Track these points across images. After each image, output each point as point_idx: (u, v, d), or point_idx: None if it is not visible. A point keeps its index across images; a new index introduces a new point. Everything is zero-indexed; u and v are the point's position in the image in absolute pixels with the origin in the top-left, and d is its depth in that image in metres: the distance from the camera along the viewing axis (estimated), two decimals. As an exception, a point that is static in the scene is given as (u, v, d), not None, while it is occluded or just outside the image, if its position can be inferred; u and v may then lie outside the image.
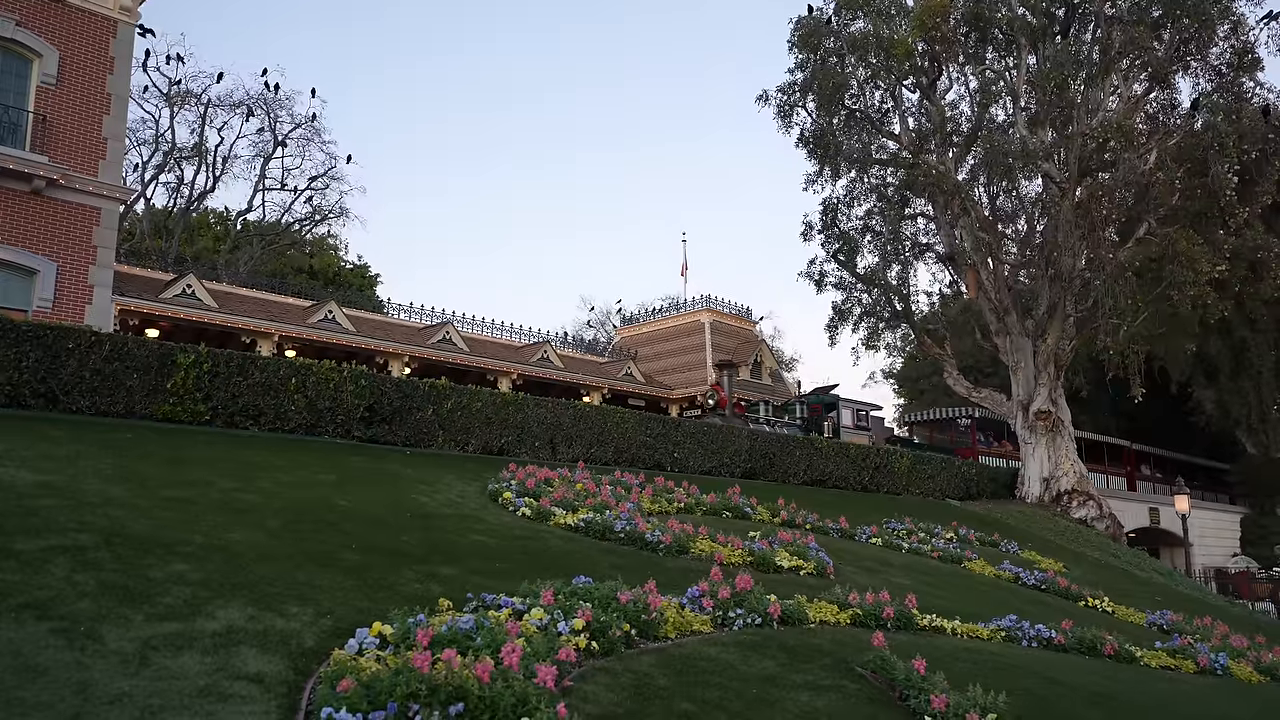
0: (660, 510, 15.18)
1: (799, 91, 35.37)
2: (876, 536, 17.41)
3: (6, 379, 13.11)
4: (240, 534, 8.77)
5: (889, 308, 36.35)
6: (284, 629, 6.50)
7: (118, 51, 24.76)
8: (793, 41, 35.54)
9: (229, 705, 5.19)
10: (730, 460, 22.95)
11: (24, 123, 22.81)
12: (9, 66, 23.08)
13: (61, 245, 22.91)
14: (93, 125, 23.99)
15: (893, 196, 36.66)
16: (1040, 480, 32.30)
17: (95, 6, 24.32)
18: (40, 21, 23.35)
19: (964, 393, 35.34)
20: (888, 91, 35.86)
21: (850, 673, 7.82)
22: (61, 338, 13.66)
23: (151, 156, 42.32)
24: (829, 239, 36.20)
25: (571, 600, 7.83)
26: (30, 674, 5.14)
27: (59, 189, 22.91)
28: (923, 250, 38.22)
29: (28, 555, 6.98)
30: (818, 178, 36.10)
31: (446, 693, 5.35)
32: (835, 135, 34.81)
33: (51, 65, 23.36)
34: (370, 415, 16.72)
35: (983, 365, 48.20)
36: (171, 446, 12.60)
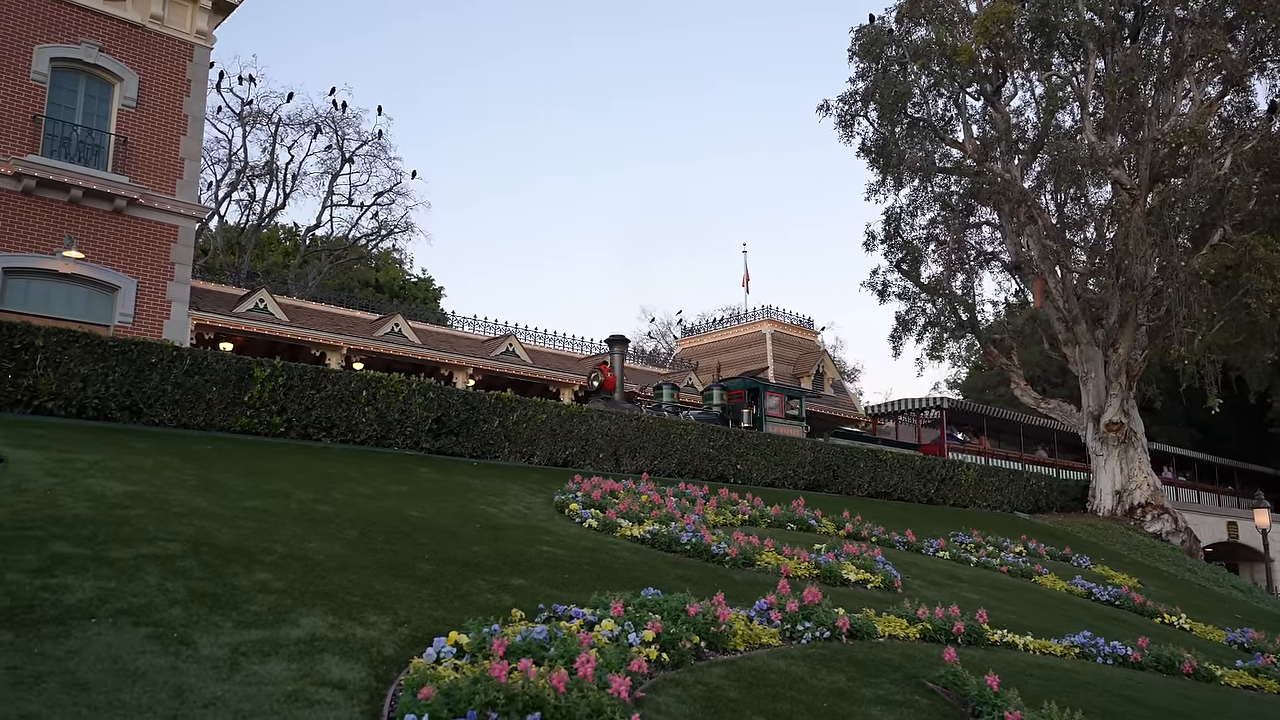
0: (725, 522, 15.21)
1: (860, 101, 35.18)
2: (944, 550, 17.21)
3: (94, 393, 13.63)
4: (318, 544, 9.01)
5: (953, 317, 35.91)
6: (364, 637, 6.68)
7: (194, 74, 25.61)
8: (853, 51, 35.41)
9: (316, 711, 5.36)
10: (793, 472, 22.87)
11: (106, 144, 23.69)
12: (92, 90, 24.00)
13: (141, 262, 23.72)
14: (170, 146, 24.81)
15: (957, 205, 36.28)
16: (1112, 493, 31.59)
17: (173, 31, 25.18)
18: (121, 47, 24.24)
19: (1031, 404, 34.75)
20: (951, 99, 35.49)
21: (921, 688, 7.78)
22: (145, 353, 14.16)
23: (225, 175, 43.59)
24: (892, 249, 35.91)
25: (641, 612, 7.91)
26: (130, 677, 5.37)
27: (139, 208, 23.75)
28: (988, 259, 37.73)
29: (122, 563, 7.27)
30: (880, 187, 35.85)
31: (524, 702, 5.47)
32: (897, 144, 34.52)
33: (132, 88, 24.24)
34: (438, 427, 17.03)
35: (1051, 375, 47.32)
36: (250, 458, 12.98)
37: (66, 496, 9.04)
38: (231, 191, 44.24)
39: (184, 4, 25.41)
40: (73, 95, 23.60)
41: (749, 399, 27.71)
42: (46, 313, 21.69)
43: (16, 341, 13.19)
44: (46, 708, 4.84)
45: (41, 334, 13.43)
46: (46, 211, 22.31)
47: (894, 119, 34.41)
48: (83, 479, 9.87)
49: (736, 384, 29.35)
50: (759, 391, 28.10)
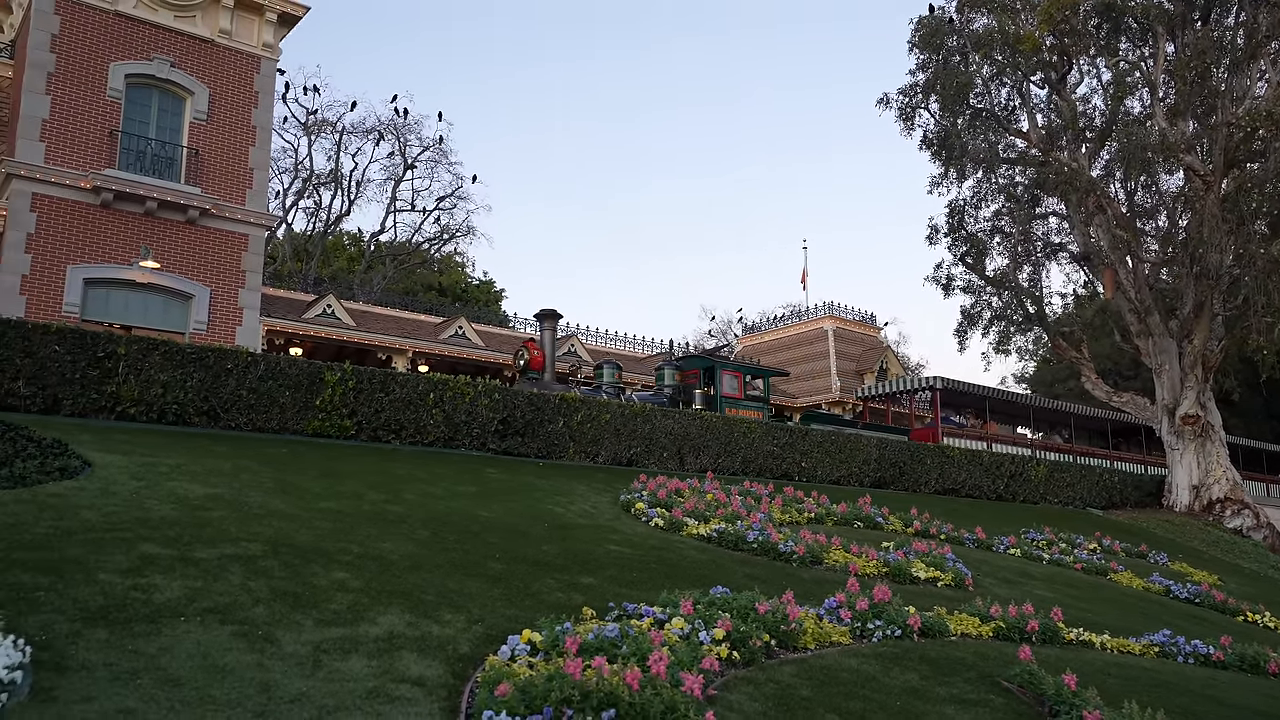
0: (791, 520, 15.17)
1: (921, 93, 34.69)
2: (1015, 547, 16.94)
3: (174, 399, 14.06)
4: (392, 544, 9.20)
5: (1020, 310, 35.23)
6: (440, 635, 6.81)
7: (261, 86, 26.25)
8: (913, 42, 34.94)
9: (396, 706, 5.49)
10: (859, 469, 22.68)
11: (179, 157, 24.40)
12: (165, 105, 24.74)
13: (214, 271, 24.38)
14: (240, 156, 25.47)
15: (1022, 196, 35.59)
16: (1189, 488, 30.74)
17: (241, 45, 25.82)
18: (192, 61, 24.93)
19: (1104, 397, 33.95)
20: (1014, 88, 34.84)
21: (995, 686, 7.69)
22: (221, 359, 14.56)
23: (291, 183, 44.57)
24: (956, 242, 35.36)
25: (710, 610, 7.94)
26: (219, 674, 5.55)
27: (211, 218, 24.41)
28: (1055, 250, 36.93)
29: (207, 563, 7.51)
30: (943, 179, 35.32)
31: (598, 699, 5.54)
32: (960, 135, 33.98)
33: (202, 102, 24.92)
34: (504, 428, 17.23)
35: (1123, 368, 46.21)
36: (323, 460, 13.28)
37: (152, 499, 9.35)
38: (298, 200, 45.27)
39: (250, 18, 26.06)
40: (147, 110, 24.36)
41: (704, 379, 25.66)
42: (125, 321, 22.44)
43: (100, 350, 13.66)
44: (142, 703, 5.03)
45: (123, 342, 13.89)
46: (124, 223, 23.05)
47: (956, 110, 33.89)
48: (166, 482, 10.20)
49: (694, 362, 27.11)
50: (714, 370, 25.82)
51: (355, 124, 47.04)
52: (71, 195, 22.47)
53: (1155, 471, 34.11)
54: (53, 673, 5.24)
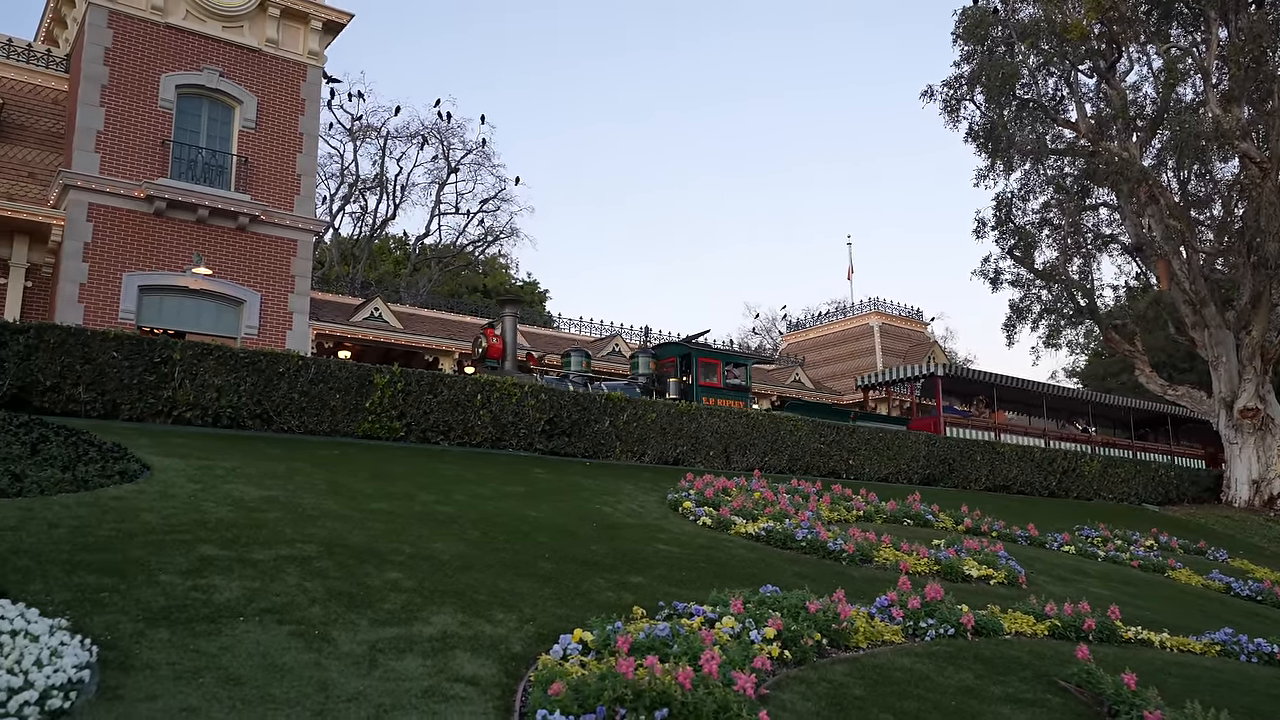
0: (839, 518, 15.07)
1: (965, 84, 34.26)
2: (1069, 544, 16.68)
3: (228, 402, 14.32)
4: (443, 544, 9.29)
5: (1071, 304, 34.68)
6: (492, 634, 6.87)
7: (307, 93, 26.63)
8: (957, 34, 34.51)
9: (451, 705, 5.55)
10: (907, 466, 22.48)
11: (229, 165, 24.83)
12: (215, 114, 25.19)
13: (264, 276, 24.77)
14: (288, 163, 25.86)
15: (1071, 187, 35.01)
16: (1248, 483, 30.04)
17: (287, 53, 26.21)
18: (240, 71, 25.36)
19: (1158, 390, 33.30)
20: (1062, 78, 34.30)
21: (1052, 686, 7.59)
22: (274, 363, 14.80)
23: (338, 189, 45.17)
24: (1003, 235, 34.87)
25: (761, 609, 7.92)
26: (277, 673, 5.65)
27: (260, 224, 24.81)
28: (1106, 242, 36.30)
29: (263, 564, 7.65)
30: (989, 172, 34.83)
31: (651, 698, 5.55)
32: (1006, 127, 33.49)
33: (251, 110, 25.34)
34: (550, 428, 17.32)
35: (1177, 361, 45.27)
36: (373, 461, 13.44)
37: (209, 501, 9.54)
38: (344, 204, 45.86)
39: (296, 26, 26.45)
40: (197, 119, 24.82)
41: (680, 367, 24.34)
42: (179, 327, 22.90)
43: (156, 356, 13.96)
44: (205, 701, 5.14)
45: (178, 348, 14.18)
46: (176, 231, 23.51)
47: (1002, 101, 33.41)
48: (222, 484, 10.39)
49: (670, 350, 25.52)
50: (690, 358, 24.34)
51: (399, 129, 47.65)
52: (126, 204, 22.97)
53: (1184, 463, 32.97)
54: (118, 671, 5.37)
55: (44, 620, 5.62)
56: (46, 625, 5.54)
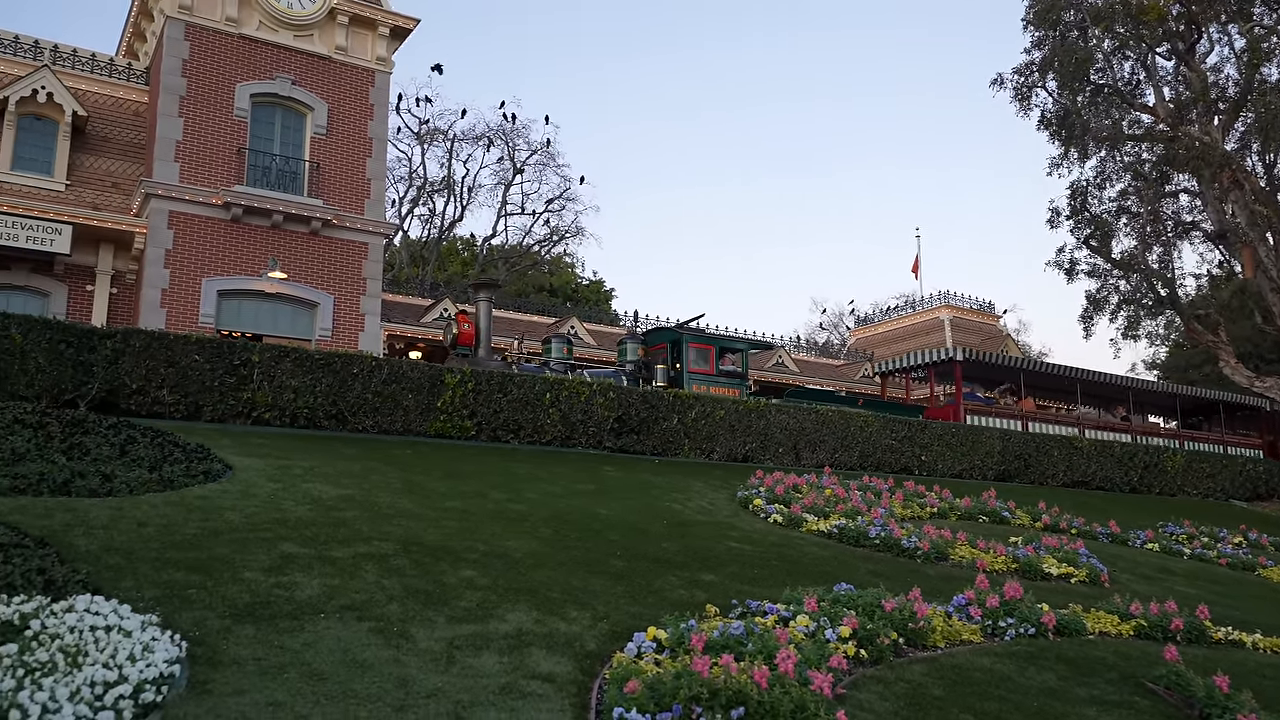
0: (912, 515, 14.85)
1: (1037, 71, 33.52)
2: (1152, 541, 16.22)
3: (304, 403, 14.63)
4: (516, 542, 9.37)
5: (1150, 294, 33.73)
6: (566, 632, 6.90)
7: (376, 99, 27.08)
8: (1027, 20, 33.78)
9: (529, 703, 5.59)
10: (982, 462, 22.08)
11: (301, 171, 25.36)
12: (287, 121, 25.75)
13: (336, 279, 25.26)
14: (358, 168, 26.32)
15: (1150, 174, 34.02)
16: (1343, 478, 28.87)
17: (356, 60, 26.68)
18: (311, 78, 25.88)
19: (1244, 382, 32.18)
20: (1138, 61, 33.34)
21: (1140, 688, 7.38)
22: (348, 364, 15.09)
23: (407, 192, 45.90)
24: (1079, 224, 34.04)
25: (835, 607, 7.84)
26: (359, 669, 5.75)
27: (332, 228, 25.30)
28: (1187, 229, 35.24)
29: (342, 562, 7.80)
30: (1063, 160, 34.02)
31: (727, 697, 5.52)
32: (1080, 113, 32.67)
33: (322, 117, 25.85)
34: (619, 426, 17.37)
35: (1264, 351, 43.63)
36: (446, 460, 13.62)
37: (289, 500, 9.76)
38: (413, 207, 46.58)
39: (364, 33, 26.90)
40: (271, 127, 25.41)
41: (671, 353, 22.93)
42: (256, 330, 23.46)
43: (236, 358, 14.33)
44: (290, 696, 5.25)
45: (257, 350, 14.53)
46: (252, 236, 24.10)
47: (1075, 87, 32.58)
48: (301, 484, 10.62)
49: (661, 335, 23.96)
50: (681, 343, 22.80)
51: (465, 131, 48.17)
52: (204, 211, 23.61)
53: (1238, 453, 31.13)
54: (207, 667, 5.52)
55: (136, 616, 5.80)
56: (138, 621, 5.71)
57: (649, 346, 23.44)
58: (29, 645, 5.13)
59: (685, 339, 22.85)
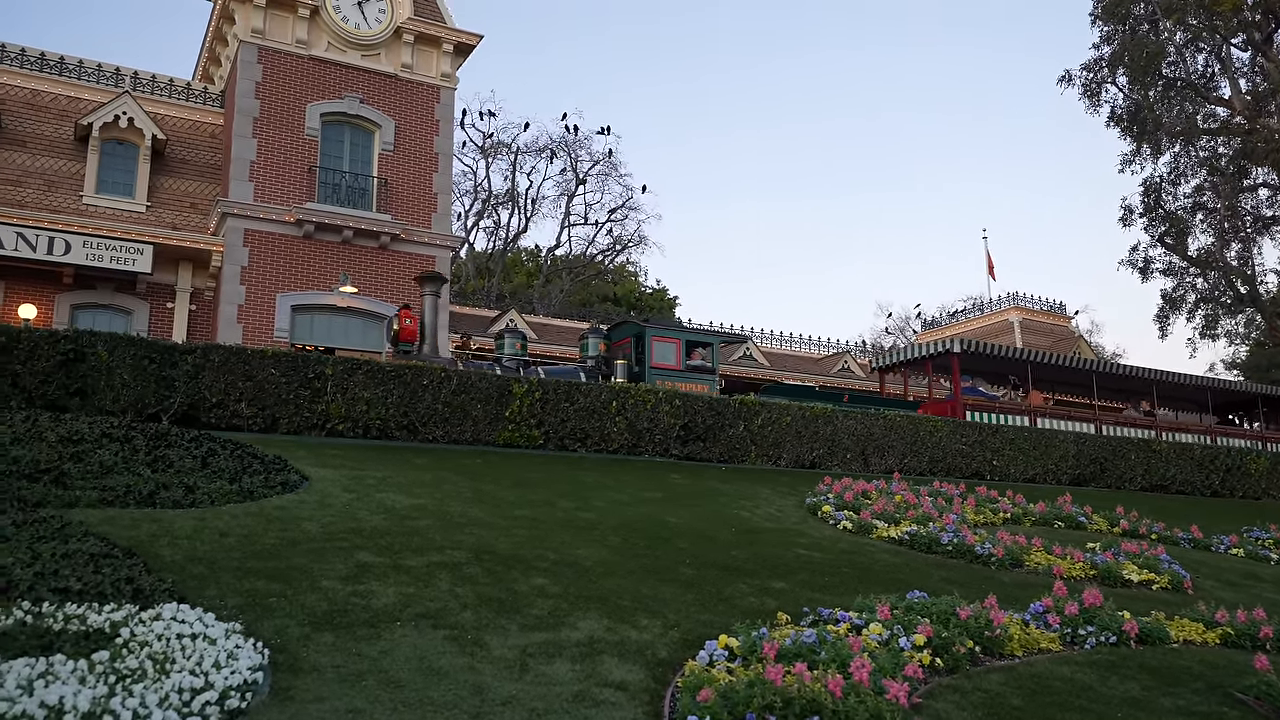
0: (985, 521, 14.56)
1: (1106, 66, 32.86)
2: (1237, 547, 15.65)
3: (376, 415, 14.88)
4: (585, 550, 9.40)
5: (1230, 291, 32.76)
6: (638, 640, 6.90)
7: (441, 115, 27.50)
8: (1095, 14, 33.13)
9: (601, 710, 5.59)
10: (1055, 466, 21.56)
11: (370, 187, 25.85)
12: (356, 139, 26.28)
13: (406, 292, 25.65)
14: (424, 183, 26.74)
15: (1227, 168, 33.04)
16: None
17: (421, 77, 27.13)
18: (378, 96, 26.38)
19: (1331, 381, 30.97)
20: (1212, 54, 32.47)
21: (1228, 698, 7.12)
22: (418, 376, 15.31)
23: (472, 205, 46.51)
24: (1153, 221, 33.23)
25: (909, 615, 7.71)
26: (434, 676, 5.82)
27: (401, 242, 25.73)
28: (1267, 224, 34.12)
29: (416, 570, 7.90)
30: (1135, 156, 33.27)
31: (801, 705, 5.47)
32: (1153, 108, 31.90)
33: (389, 134, 26.32)
34: (685, 434, 17.34)
35: (1352, 349, 42.04)
36: (514, 469, 13.73)
37: (363, 510, 9.92)
38: (479, 220, 47.18)
39: (429, 50, 27.35)
40: (340, 145, 25.96)
41: (634, 348, 21.77)
42: (329, 343, 23.94)
43: (310, 371, 14.63)
44: (369, 703, 5.33)
45: (330, 363, 14.82)
46: (323, 252, 24.62)
47: (1146, 81, 31.84)
48: (375, 493, 10.79)
49: (625, 330, 22.65)
50: (643, 337, 21.62)
51: (529, 144, 48.64)
52: (278, 229, 24.20)
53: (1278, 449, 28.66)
54: (288, 674, 5.63)
55: (220, 624, 5.95)
56: (222, 629, 5.86)
57: (613, 341, 22.49)
58: (120, 652, 5.28)
59: (648, 333, 21.96)
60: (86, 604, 6.01)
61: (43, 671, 4.86)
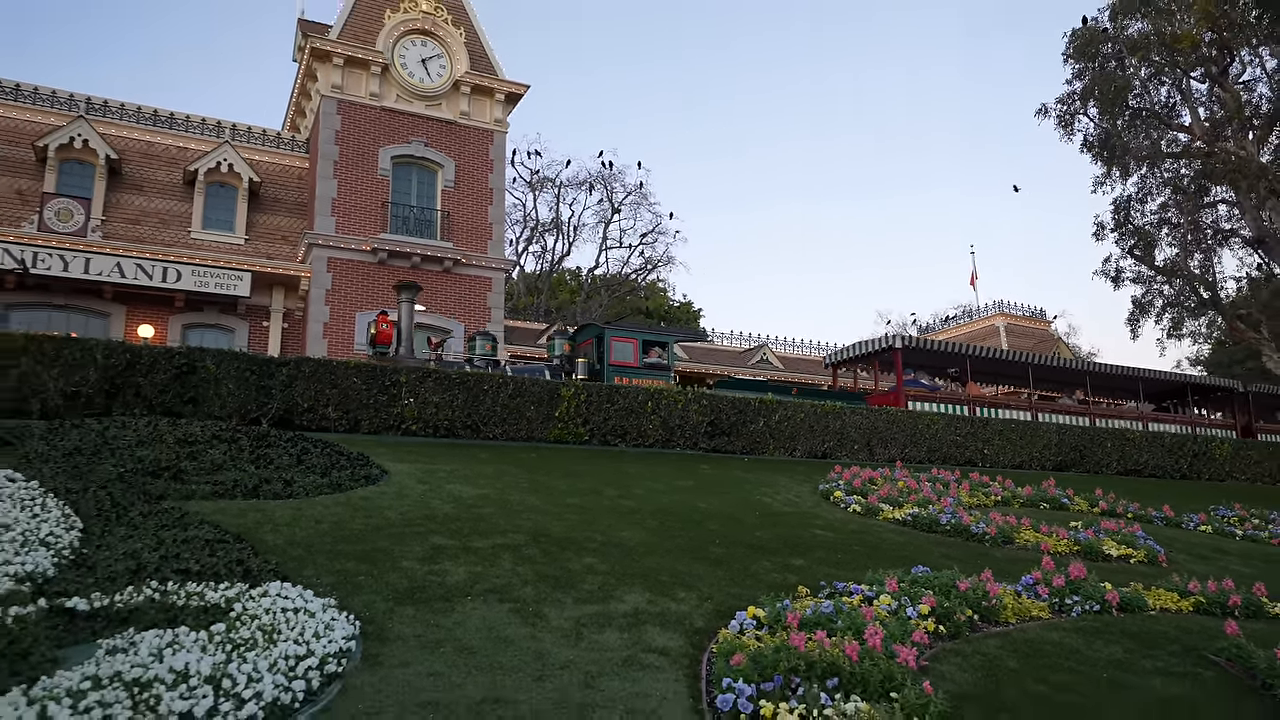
0: (978, 503, 14.38)
1: (1078, 99, 32.36)
2: (1205, 524, 15.35)
3: (444, 416, 14.99)
4: (628, 532, 9.40)
5: (1193, 296, 32.15)
6: (677, 611, 6.89)
7: (495, 155, 27.66)
8: (1067, 53, 32.66)
9: (648, 673, 5.60)
10: (1040, 454, 21.26)
11: (434, 219, 26.04)
12: (422, 178, 26.49)
13: (466, 309, 25.84)
14: (481, 214, 26.91)
15: (1188, 187, 32.45)
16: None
17: (477, 123, 27.31)
18: (441, 140, 26.60)
19: (1287, 374, 30.31)
20: (1173, 85, 31.90)
21: (1202, 660, 6.99)
22: (480, 382, 15.39)
23: (522, 233, 46.70)
24: (1123, 236, 32.69)
25: (914, 588, 7.64)
26: (502, 643, 5.85)
27: (461, 266, 25.90)
28: (1226, 236, 33.46)
29: (483, 551, 7.94)
30: (1105, 179, 32.75)
31: (822, 668, 5.44)
32: (1121, 136, 31.40)
33: (450, 172, 26.52)
34: (712, 429, 17.29)
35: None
36: (564, 462, 13.76)
37: (436, 499, 9.98)
38: (528, 245, 47.35)
39: (483, 99, 27.54)
40: (408, 183, 26.20)
41: (595, 348, 20.92)
42: (402, 355, 24.11)
43: (387, 379, 14.77)
44: (447, 667, 5.37)
45: (404, 372, 14.94)
46: (395, 276, 24.83)
47: (1115, 112, 31.33)
48: (445, 485, 10.85)
49: (588, 331, 21.74)
50: (604, 338, 20.80)
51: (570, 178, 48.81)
52: (356, 256, 24.47)
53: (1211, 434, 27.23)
54: (376, 642, 5.69)
55: (317, 600, 6.02)
56: (319, 604, 5.93)
57: (577, 342, 21.74)
58: (234, 624, 5.37)
59: (607, 334, 21.16)
60: (204, 583, 6.11)
61: (170, 641, 4.96)
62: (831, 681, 5.32)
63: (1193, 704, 6.02)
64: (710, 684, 5.54)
